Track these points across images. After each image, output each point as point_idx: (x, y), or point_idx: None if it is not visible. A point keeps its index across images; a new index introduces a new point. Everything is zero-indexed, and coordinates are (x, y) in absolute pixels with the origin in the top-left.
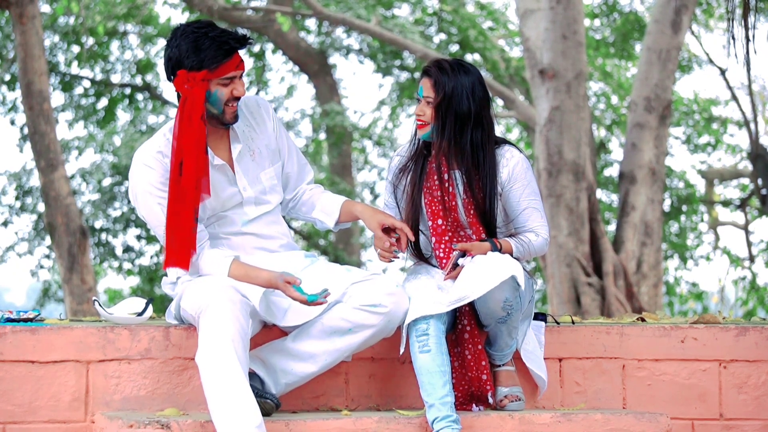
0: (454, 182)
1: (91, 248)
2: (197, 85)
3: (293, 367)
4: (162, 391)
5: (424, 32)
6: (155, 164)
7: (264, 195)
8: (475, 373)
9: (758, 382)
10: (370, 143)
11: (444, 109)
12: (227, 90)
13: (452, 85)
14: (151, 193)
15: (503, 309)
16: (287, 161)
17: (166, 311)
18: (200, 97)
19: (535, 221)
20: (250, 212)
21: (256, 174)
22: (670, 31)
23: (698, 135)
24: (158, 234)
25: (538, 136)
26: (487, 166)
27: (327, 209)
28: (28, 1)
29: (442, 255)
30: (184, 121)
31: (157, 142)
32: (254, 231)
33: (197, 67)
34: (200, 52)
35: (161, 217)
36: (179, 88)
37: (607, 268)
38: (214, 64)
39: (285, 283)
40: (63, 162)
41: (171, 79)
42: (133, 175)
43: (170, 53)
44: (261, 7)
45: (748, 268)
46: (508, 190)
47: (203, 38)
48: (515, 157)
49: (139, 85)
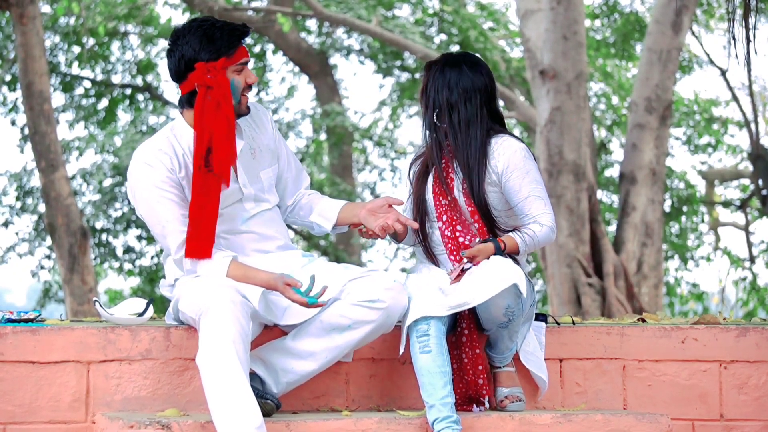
0: (454, 174)
1: (91, 249)
2: (219, 74)
3: (293, 366)
4: (163, 392)
5: (424, 33)
6: (156, 163)
7: (263, 193)
8: (471, 377)
9: (759, 382)
10: (371, 144)
11: (425, 101)
12: (241, 77)
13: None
14: (150, 192)
15: (505, 315)
16: (285, 166)
17: (166, 313)
18: (226, 84)
19: (537, 209)
20: (249, 209)
21: (257, 172)
22: (670, 31)
23: (699, 136)
24: (155, 233)
25: (539, 136)
26: (471, 154)
27: (325, 213)
28: (29, 2)
29: (449, 234)
30: (211, 110)
31: (158, 140)
32: (253, 229)
33: (215, 56)
34: (214, 41)
35: (160, 215)
36: (199, 81)
37: (608, 268)
38: (231, 49)
39: (285, 286)
40: (63, 162)
41: (184, 77)
42: (133, 174)
43: (182, 51)
44: (262, 8)
45: (748, 268)
46: (506, 179)
47: (212, 29)
48: (512, 146)
49: (139, 85)
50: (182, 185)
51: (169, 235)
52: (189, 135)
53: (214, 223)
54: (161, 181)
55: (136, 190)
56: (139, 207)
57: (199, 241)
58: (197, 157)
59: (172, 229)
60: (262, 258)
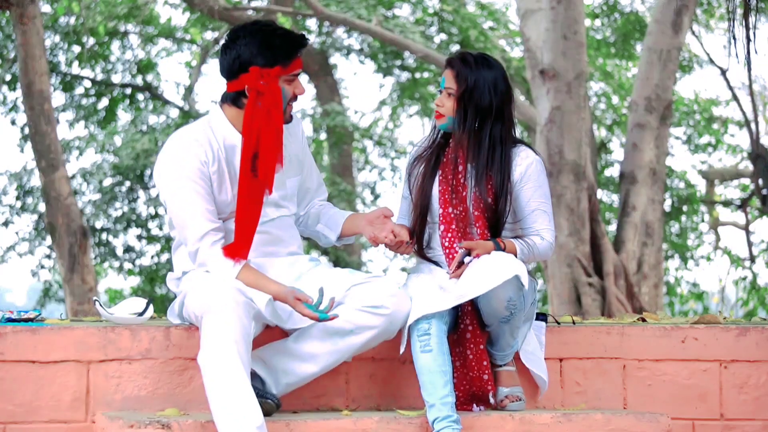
0: (467, 175)
1: (91, 248)
2: (273, 81)
3: (294, 368)
4: (163, 391)
5: (424, 32)
6: (190, 152)
7: (284, 200)
8: (476, 373)
9: (759, 382)
10: (371, 143)
11: (465, 101)
12: (291, 88)
13: (474, 77)
14: (179, 181)
15: (507, 308)
16: (308, 176)
17: (168, 309)
18: (278, 92)
19: (541, 224)
20: (270, 213)
21: (283, 179)
22: (670, 31)
23: (699, 135)
24: (175, 221)
25: (539, 136)
26: (501, 163)
27: (330, 223)
28: (29, 2)
29: (447, 245)
30: (262, 116)
31: (195, 130)
32: (268, 231)
33: (271, 63)
34: (273, 48)
35: (185, 205)
36: (251, 84)
37: (608, 268)
38: (288, 59)
39: (295, 300)
40: (64, 162)
41: (235, 76)
42: (164, 159)
43: (239, 51)
44: (262, 8)
45: (748, 268)
46: (519, 189)
47: (273, 36)
48: (530, 157)
49: (139, 85)
50: (211, 179)
51: (189, 227)
52: (226, 130)
53: (255, 227)
54: (192, 172)
55: (165, 175)
56: (163, 192)
57: (238, 243)
58: (244, 160)
59: (194, 222)
60: (271, 260)
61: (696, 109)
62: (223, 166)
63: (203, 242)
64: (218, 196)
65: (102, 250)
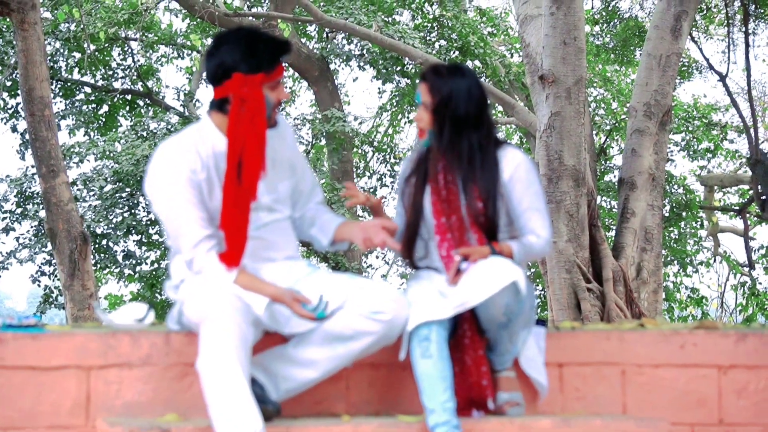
0: (456, 183)
1: (92, 254)
2: (256, 88)
3: (294, 373)
4: (163, 397)
5: (424, 38)
6: (180, 161)
7: (277, 203)
8: (475, 379)
9: (757, 387)
10: (371, 149)
11: (441, 112)
12: (275, 94)
13: (448, 88)
14: (170, 190)
15: (504, 314)
16: (301, 178)
17: (168, 316)
18: (261, 99)
19: (536, 222)
20: (263, 217)
21: (275, 183)
22: (670, 37)
23: (698, 141)
24: (169, 231)
25: (538, 141)
26: (486, 169)
27: (323, 228)
28: (30, 8)
29: (444, 253)
30: (245, 122)
31: (184, 139)
32: (262, 236)
33: (254, 70)
34: (256, 55)
35: (177, 214)
36: (234, 91)
37: (607, 274)
38: (271, 66)
39: (293, 300)
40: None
41: (219, 82)
42: (154, 169)
43: (222, 57)
44: (262, 14)
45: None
46: (510, 190)
47: (256, 42)
48: (517, 158)
49: (140, 91)
50: (202, 187)
51: (182, 235)
52: (214, 137)
53: (245, 233)
54: (182, 181)
55: (156, 186)
56: (156, 203)
57: (230, 250)
58: (230, 167)
59: (187, 230)
60: (268, 266)
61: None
62: (212, 173)
63: (198, 249)
64: (209, 203)
65: (102, 257)
